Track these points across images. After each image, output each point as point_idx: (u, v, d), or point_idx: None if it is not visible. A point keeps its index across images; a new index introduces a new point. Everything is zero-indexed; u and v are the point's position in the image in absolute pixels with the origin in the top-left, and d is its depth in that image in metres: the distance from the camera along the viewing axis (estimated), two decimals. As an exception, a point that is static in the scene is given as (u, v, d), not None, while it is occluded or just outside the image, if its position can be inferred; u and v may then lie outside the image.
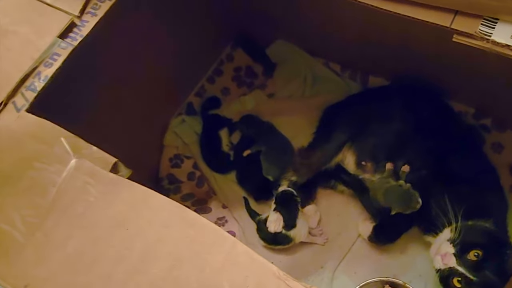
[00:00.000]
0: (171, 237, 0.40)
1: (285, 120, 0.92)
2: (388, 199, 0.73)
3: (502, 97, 0.70)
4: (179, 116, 0.98)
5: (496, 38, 0.42)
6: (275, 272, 0.38)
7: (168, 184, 0.95)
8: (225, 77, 1.02)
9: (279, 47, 0.97)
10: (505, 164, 0.82)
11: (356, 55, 0.87)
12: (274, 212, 0.82)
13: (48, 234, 0.40)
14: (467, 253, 0.63)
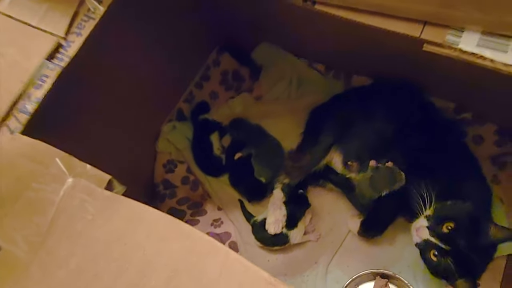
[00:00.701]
0: (168, 249, 0.43)
1: (273, 123, 0.95)
2: (374, 185, 0.76)
3: (481, 92, 0.73)
4: (170, 122, 1.00)
5: (463, 47, 0.45)
6: (267, 278, 0.41)
7: (163, 189, 0.98)
8: (212, 82, 1.04)
9: (264, 50, 1.00)
10: (486, 155, 0.86)
11: (339, 56, 0.89)
12: (272, 212, 0.85)
13: (50, 252, 0.43)
14: (440, 225, 0.67)
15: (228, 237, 0.92)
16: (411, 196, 0.71)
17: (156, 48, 0.86)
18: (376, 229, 0.82)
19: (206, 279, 0.40)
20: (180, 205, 0.96)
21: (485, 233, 0.65)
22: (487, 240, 0.65)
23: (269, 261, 0.89)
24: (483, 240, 0.65)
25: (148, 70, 0.87)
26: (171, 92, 1.02)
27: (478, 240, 0.65)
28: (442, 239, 0.66)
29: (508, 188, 0.84)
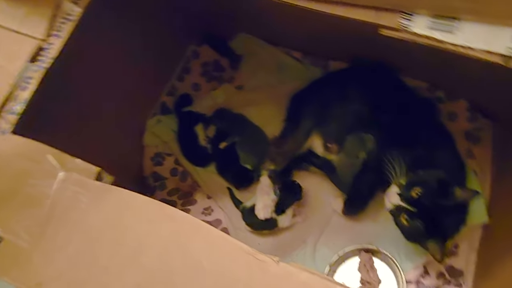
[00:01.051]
0: (156, 230, 0.49)
1: (255, 111, 1.00)
2: (348, 152, 0.83)
3: (451, 71, 0.78)
4: (154, 116, 1.05)
5: (416, 30, 0.51)
6: (246, 249, 0.47)
7: (153, 181, 1.03)
8: (193, 74, 1.09)
9: (242, 40, 1.05)
10: (460, 130, 0.92)
11: (315, 43, 0.94)
12: (261, 198, 0.90)
13: (50, 240, 0.48)
14: (409, 191, 0.74)
15: (219, 224, 0.97)
16: (387, 170, 0.77)
17: (136, 42, 0.90)
18: (358, 207, 0.88)
19: (192, 253, 0.47)
20: (171, 196, 1.01)
21: (451, 195, 0.72)
22: (452, 201, 0.72)
23: (259, 244, 0.94)
24: (449, 202, 0.72)
25: (129, 65, 0.90)
26: (154, 86, 1.07)
27: (445, 201, 0.72)
28: (410, 203, 0.73)
29: (482, 161, 0.91)
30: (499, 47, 0.49)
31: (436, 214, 0.72)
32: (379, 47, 0.79)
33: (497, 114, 0.90)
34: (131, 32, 0.87)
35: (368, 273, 0.85)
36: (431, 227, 0.73)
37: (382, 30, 0.53)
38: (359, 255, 0.88)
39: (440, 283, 0.84)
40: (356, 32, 0.65)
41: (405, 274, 0.84)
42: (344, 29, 0.67)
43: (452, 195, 0.72)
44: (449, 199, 0.72)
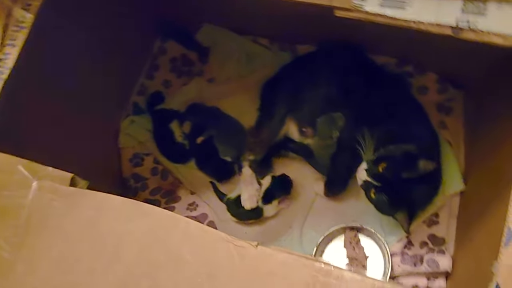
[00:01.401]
0: (135, 228, 0.51)
1: (229, 102, 1.03)
2: (321, 133, 0.87)
3: (418, 45, 0.82)
4: (127, 117, 1.06)
5: (368, 9, 0.55)
6: (224, 237, 0.50)
7: (134, 182, 1.05)
8: (162, 71, 1.11)
9: (208, 31, 1.07)
10: (432, 103, 0.96)
11: (281, 28, 0.97)
12: (245, 189, 0.94)
13: (31, 248, 0.49)
14: (376, 167, 0.78)
15: (205, 218, 1.00)
16: (358, 147, 0.81)
17: (98, 43, 0.91)
18: (339, 187, 0.92)
19: (172, 246, 0.50)
20: (154, 196, 1.03)
21: (416, 168, 0.75)
22: (417, 173, 0.75)
23: (246, 233, 0.97)
24: (413, 174, 0.76)
25: (94, 67, 0.91)
26: (124, 87, 1.08)
27: (409, 174, 0.76)
28: (375, 177, 0.78)
29: (455, 131, 0.95)
30: (449, 19, 0.53)
31: (401, 187, 0.77)
32: (344, 27, 0.82)
33: (466, 83, 0.94)
34: (92, 33, 0.88)
35: (354, 250, 0.90)
36: (396, 200, 0.77)
37: (336, 11, 0.56)
38: (345, 234, 0.92)
39: (424, 252, 0.87)
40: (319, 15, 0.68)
41: (390, 247, 0.88)
42: (307, 13, 0.70)
43: (416, 167, 0.75)
44: (414, 172, 0.75)
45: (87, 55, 0.90)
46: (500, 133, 0.77)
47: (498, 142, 0.78)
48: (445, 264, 0.85)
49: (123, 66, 1.04)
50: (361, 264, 0.88)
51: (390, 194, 0.77)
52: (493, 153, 0.80)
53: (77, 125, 0.89)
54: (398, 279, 0.89)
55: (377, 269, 0.88)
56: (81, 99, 0.90)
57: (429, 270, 0.85)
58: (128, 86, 1.09)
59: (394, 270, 0.87)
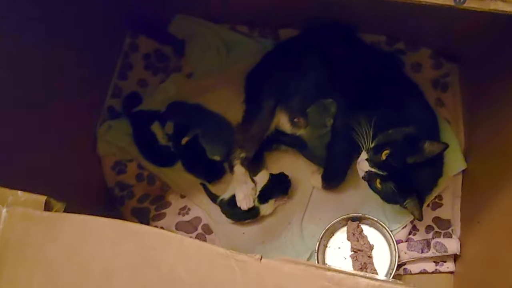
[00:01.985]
0: (123, 251, 0.47)
1: (212, 97, 0.99)
2: (314, 121, 0.84)
3: (409, 20, 0.79)
4: (104, 123, 1.01)
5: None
6: (223, 253, 0.48)
7: (119, 191, 1.01)
8: (136, 69, 1.05)
9: (181, 22, 1.01)
10: (427, 80, 0.94)
11: (259, 12, 0.93)
12: (240, 188, 0.91)
13: (10, 282, 0.46)
14: (378, 155, 0.76)
15: (199, 222, 0.97)
16: (356, 136, 0.79)
17: (63, 43, 0.85)
18: (337, 178, 0.90)
19: (165, 268, 0.46)
20: (142, 203, 1.00)
21: (421, 151, 0.73)
22: (422, 157, 0.73)
23: (244, 234, 0.95)
24: (420, 158, 0.73)
25: (60, 72, 0.86)
26: (96, 90, 1.02)
27: (415, 158, 0.73)
28: (380, 167, 0.75)
29: (452, 108, 0.93)
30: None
31: (408, 173, 0.74)
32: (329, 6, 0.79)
33: (461, 55, 0.92)
34: (61, 39, 0.83)
35: (358, 241, 0.88)
36: (404, 187, 0.75)
37: None
38: (347, 225, 0.90)
39: (430, 236, 0.88)
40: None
41: (395, 235, 0.87)
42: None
43: (422, 150, 0.73)
44: (419, 155, 0.73)
45: (53, 60, 0.84)
46: (506, 108, 0.76)
47: (504, 119, 0.76)
48: (453, 247, 0.85)
49: (92, 68, 0.98)
50: (366, 255, 0.88)
51: (398, 182, 0.75)
52: (497, 130, 0.79)
53: (47, 137, 0.84)
54: (405, 265, 0.89)
55: (383, 258, 0.88)
56: (49, 107, 0.84)
57: (437, 254, 0.85)
58: (101, 89, 1.04)
59: (401, 257, 0.87)
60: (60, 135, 0.89)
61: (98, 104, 1.03)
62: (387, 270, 0.87)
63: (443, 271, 0.87)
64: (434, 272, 0.88)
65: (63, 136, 0.91)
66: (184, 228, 0.97)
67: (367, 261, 0.87)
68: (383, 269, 0.87)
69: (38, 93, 0.82)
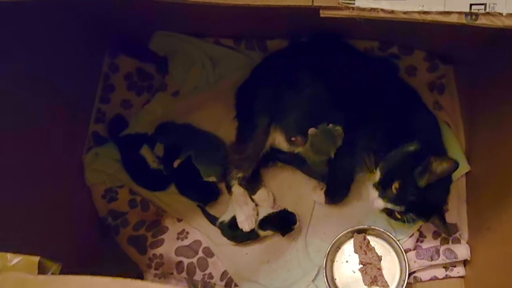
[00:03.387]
0: None
1: (201, 115, 0.93)
2: (318, 150, 0.79)
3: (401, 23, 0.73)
4: (90, 151, 0.95)
5: (360, 4, 0.44)
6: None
7: (113, 220, 0.95)
8: (118, 90, 0.99)
9: (161, 39, 0.95)
10: (423, 83, 0.90)
11: (244, 24, 0.86)
12: (240, 210, 0.85)
13: None
14: (388, 190, 0.73)
15: (199, 246, 0.93)
16: (360, 150, 0.75)
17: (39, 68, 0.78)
18: (341, 194, 0.86)
19: None
20: (138, 231, 0.94)
21: (430, 170, 0.69)
22: (435, 176, 0.70)
23: (247, 254, 0.91)
24: (432, 177, 0.70)
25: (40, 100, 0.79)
26: (78, 116, 0.95)
27: (425, 179, 0.70)
28: (395, 202, 0.73)
29: (451, 110, 0.90)
30: (461, 5, 0.43)
31: (424, 197, 0.72)
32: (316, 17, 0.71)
33: (456, 56, 0.88)
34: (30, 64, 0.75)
35: (366, 254, 0.85)
36: (424, 212, 0.73)
37: (322, 12, 0.46)
38: (353, 238, 0.86)
39: (438, 242, 0.85)
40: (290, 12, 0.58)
41: (402, 244, 0.84)
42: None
43: (430, 169, 0.70)
44: (430, 175, 0.70)
45: (31, 88, 0.77)
46: (507, 108, 0.72)
47: (505, 119, 0.73)
48: (463, 253, 0.83)
49: (73, 93, 0.91)
50: (376, 268, 0.84)
51: (417, 209, 0.73)
52: (499, 131, 0.75)
53: (32, 173, 0.77)
54: (415, 273, 0.84)
55: (392, 269, 0.85)
56: (32, 140, 0.78)
57: (447, 261, 0.84)
58: (83, 115, 0.97)
59: (410, 266, 0.84)
60: (43, 169, 0.82)
61: (82, 131, 0.96)
62: (397, 281, 0.84)
63: (454, 276, 0.85)
64: (444, 278, 0.85)
65: (47, 168, 0.83)
66: (184, 253, 0.93)
67: (377, 274, 0.84)
68: (393, 281, 0.84)
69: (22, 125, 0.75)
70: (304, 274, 0.86)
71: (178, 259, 0.90)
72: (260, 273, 0.89)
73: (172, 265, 0.91)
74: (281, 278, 0.87)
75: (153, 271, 0.90)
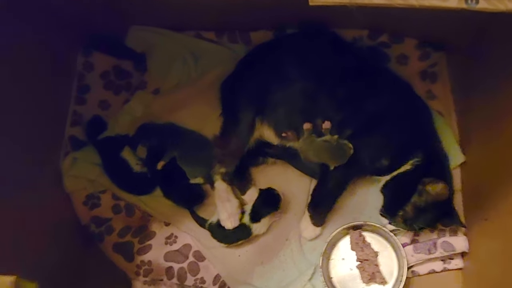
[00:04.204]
0: None
1: (184, 114, 0.89)
2: (321, 156, 0.77)
3: (391, 9, 0.70)
4: (67, 156, 0.90)
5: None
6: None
7: (96, 227, 0.91)
8: (95, 90, 0.94)
9: (137, 34, 0.90)
10: (415, 72, 0.88)
11: (226, 15, 0.82)
12: (222, 207, 0.83)
13: None
14: (396, 217, 0.78)
15: (189, 249, 0.89)
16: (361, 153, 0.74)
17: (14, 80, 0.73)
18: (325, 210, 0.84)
19: None
20: (123, 237, 0.90)
21: (425, 193, 0.73)
22: (431, 198, 0.73)
23: (240, 256, 0.88)
24: (429, 198, 0.73)
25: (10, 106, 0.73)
26: (52, 120, 0.89)
27: (423, 200, 0.74)
28: (405, 224, 0.78)
29: (444, 100, 0.89)
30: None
31: (428, 213, 0.75)
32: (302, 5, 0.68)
33: (448, 42, 0.86)
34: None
35: (362, 251, 0.83)
36: (432, 221, 0.77)
37: (311, 0, 0.41)
38: (349, 235, 0.84)
39: (435, 235, 0.83)
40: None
41: (399, 238, 0.82)
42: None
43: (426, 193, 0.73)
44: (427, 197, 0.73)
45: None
46: (500, 96, 0.70)
47: (500, 107, 0.71)
48: (461, 245, 0.81)
49: (47, 96, 0.85)
50: (373, 264, 0.83)
51: (424, 222, 0.78)
52: (493, 119, 0.74)
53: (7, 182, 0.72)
54: (413, 267, 0.83)
55: (390, 264, 0.83)
56: (6, 147, 0.72)
57: (445, 254, 0.82)
58: (58, 118, 0.91)
59: (408, 261, 0.82)
60: (17, 179, 0.76)
61: (58, 136, 0.91)
62: (396, 277, 0.82)
63: (452, 269, 0.84)
64: (442, 270, 0.84)
65: (22, 177, 0.78)
66: (174, 258, 0.89)
67: (375, 270, 0.83)
68: (391, 276, 0.83)
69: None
70: (300, 274, 0.84)
71: (167, 264, 0.87)
72: (254, 275, 0.86)
73: (161, 271, 0.88)
74: (276, 279, 0.85)
75: (142, 279, 0.87)
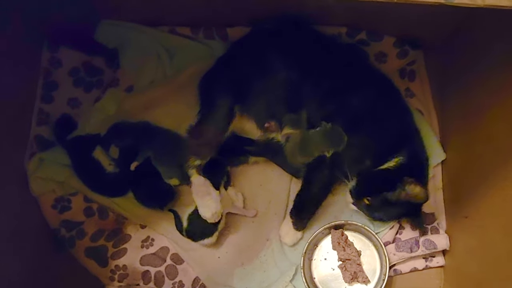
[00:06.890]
0: None
1: (160, 112, 0.87)
2: (316, 147, 0.77)
3: (370, 7, 0.71)
4: (33, 157, 0.87)
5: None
6: None
7: (67, 232, 0.89)
8: (63, 87, 0.91)
9: (108, 28, 0.88)
10: (394, 70, 0.89)
11: (203, 10, 0.80)
12: (203, 202, 0.80)
13: None
14: (361, 200, 0.79)
15: (166, 252, 0.88)
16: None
17: None
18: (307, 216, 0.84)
19: None
20: (96, 241, 0.88)
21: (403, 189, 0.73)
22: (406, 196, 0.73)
23: (219, 258, 0.88)
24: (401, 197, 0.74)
25: None
26: (16, 119, 0.86)
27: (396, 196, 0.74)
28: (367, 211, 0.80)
29: (423, 97, 0.90)
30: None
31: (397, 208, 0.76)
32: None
33: (426, 40, 0.87)
34: None
35: (345, 250, 0.84)
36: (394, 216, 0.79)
37: None
38: (331, 234, 0.85)
39: (417, 233, 0.84)
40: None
41: (382, 237, 0.83)
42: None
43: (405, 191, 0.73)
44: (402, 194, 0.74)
45: None
46: (477, 93, 0.72)
47: (476, 105, 0.73)
48: (442, 243, 0.83)
49: (10, 94, 0.81)
50: (355, 264, 0.84)
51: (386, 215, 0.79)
52: (471, 116, 0.76)
53: None
54: (395, 266, 0.84)
55: (372, 264, 0.84)
56: None
57: (427, 252, 0.84)
58: (23, 117, 0.87)
59: (390, 259, 0.84)
60: None
61: (23, 135, 0.87)
62: (378, 276, 0.83)
63: (433, 266, 0.86)
64: (424, 268, 0.86)
65: None
66: (151, 261, 0.88)
67: (357, 269, 0.84)
68: (374, 275, 0.84)
69: None
70: (281, 275, 0.84)
71: (144, 268, 0.86)
72: (235, 277, 0.86)
73: (137, 276, 0.86)
74: (257, 280, 0.85)
75: (116, 284, 0.86)
